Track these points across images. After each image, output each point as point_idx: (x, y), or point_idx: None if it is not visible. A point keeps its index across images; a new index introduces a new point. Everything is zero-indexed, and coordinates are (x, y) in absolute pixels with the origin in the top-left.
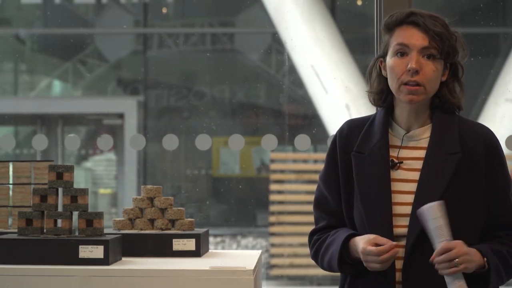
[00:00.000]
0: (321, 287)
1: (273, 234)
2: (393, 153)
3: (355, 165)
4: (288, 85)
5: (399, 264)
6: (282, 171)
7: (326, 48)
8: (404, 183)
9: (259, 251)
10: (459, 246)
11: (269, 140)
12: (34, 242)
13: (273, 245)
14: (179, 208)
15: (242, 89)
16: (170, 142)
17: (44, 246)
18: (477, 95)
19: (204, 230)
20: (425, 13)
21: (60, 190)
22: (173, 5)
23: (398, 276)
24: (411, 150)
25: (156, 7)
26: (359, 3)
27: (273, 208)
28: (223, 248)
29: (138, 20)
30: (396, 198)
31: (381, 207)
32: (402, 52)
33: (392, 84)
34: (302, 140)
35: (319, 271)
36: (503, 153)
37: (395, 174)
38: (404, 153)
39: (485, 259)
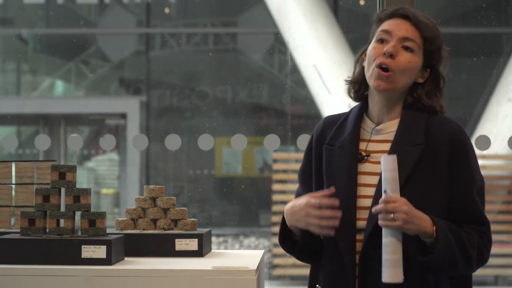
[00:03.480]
0: None
1: (275, 234)
2: (362, 146)
3: (325, 158)
4: (291, 85)
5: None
6: (284, 171)
7: (329, 48)
8: (370, 176)
9: (262, 251)
10: (400, 202)
11: (272, 140)
12: (36, 242)
13: (275, 245)
14: (181, 208)
15: (245, 89)
16: (173, 142)
17: (46, 246)
18: (480, 95)
19: (206, 230)
20: (418, 11)
21: (62, 190)
22: (176, 5)
23: (358, 270)
24: (379, 143)
25: (159, 7)
26: (362, 3)
27: (275, 208)
28: (225, 248)
29: (140, 20)
30: (361, 191)
31: (346, 200)
32: (383, 39)
33: (368, 69)
34: (305, 140)
35: None
36: (470, 148)
37: (363, 167)
38: (372, 146)
39: (434, 227)
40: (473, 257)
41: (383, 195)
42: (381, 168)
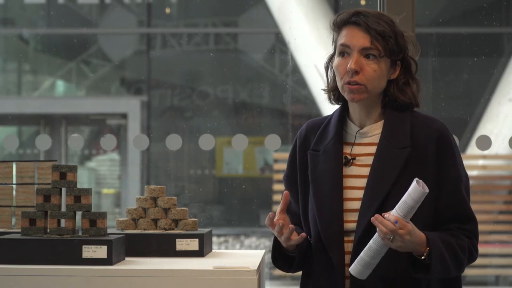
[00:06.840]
0: None
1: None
2: (346, 149)
3: (310, 163)
4: (292, 85)
5: (348, 259)
6: None
7: (330, 48)
8: (356, 179)
9: (263, 251)
10: (405, 230)
11: (273, 140)
12: (37, 242)
13: None
14: (182, 208)
15: (246, 89)
16: (174, 142)
17: (47, 246)
18: (480, 95)
19: (207, 230)
20: (370, 12)
21: (63, 190)
22: (177, 5)
23: (347, 270)
24: (364, 146)
25: (160, 7)
26: (363, 3)
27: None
28: (226, 248)
29: (141, 20)
30: (348, 194)
31: (332, 203)
32: (344, 52)
33: (338, 84)
34: None
35: None
36: (455, 145)
37: (348, 170)
38: (357, 149)
39: (427, 249)
40: (464, 262)
41: (395, 215)
42: (409, 191)
